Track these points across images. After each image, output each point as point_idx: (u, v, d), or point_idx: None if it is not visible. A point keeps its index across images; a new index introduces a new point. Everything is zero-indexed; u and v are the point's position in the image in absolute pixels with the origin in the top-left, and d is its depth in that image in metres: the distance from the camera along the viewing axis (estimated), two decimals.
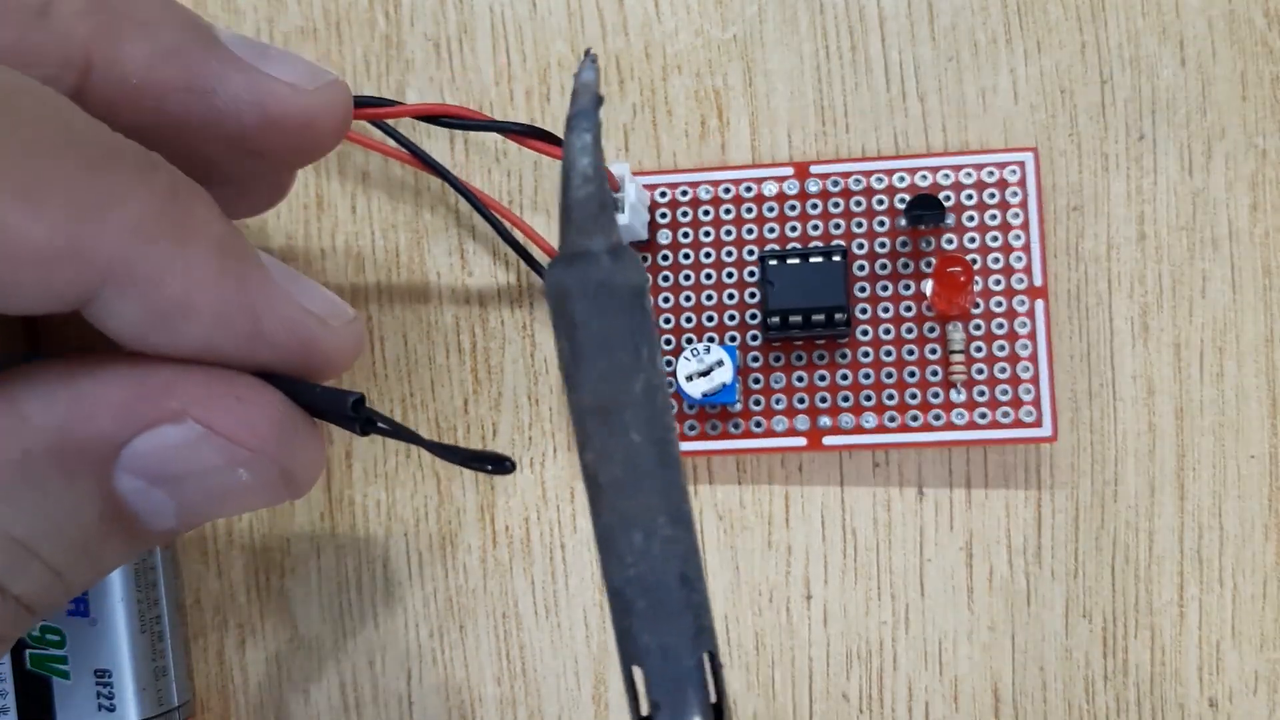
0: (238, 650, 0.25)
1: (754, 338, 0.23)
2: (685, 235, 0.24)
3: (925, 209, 0.23)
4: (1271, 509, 0.23)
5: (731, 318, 0.24)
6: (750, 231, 0.24)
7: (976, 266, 0.23)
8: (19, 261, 0.15)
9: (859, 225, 0.23)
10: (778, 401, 0.23)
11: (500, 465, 0.17)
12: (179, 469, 0.16)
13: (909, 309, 0.23)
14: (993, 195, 0.23)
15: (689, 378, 0.22)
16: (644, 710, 0.14)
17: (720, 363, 0.22)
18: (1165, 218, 0.23)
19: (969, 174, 0.23)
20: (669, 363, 0.24)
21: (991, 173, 0.23)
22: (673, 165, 0.25)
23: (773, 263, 0.23)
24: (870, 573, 0.24)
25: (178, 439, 0.16)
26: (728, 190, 0.24)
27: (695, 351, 0.23)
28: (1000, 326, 0.23)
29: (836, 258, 0.23)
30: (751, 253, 0.24)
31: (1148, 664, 0.23)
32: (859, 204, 0.23)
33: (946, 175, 0.23)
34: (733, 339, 0.24)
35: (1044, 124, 0.24)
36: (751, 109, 0.24)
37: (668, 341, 0.24)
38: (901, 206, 0.23)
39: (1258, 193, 0.23)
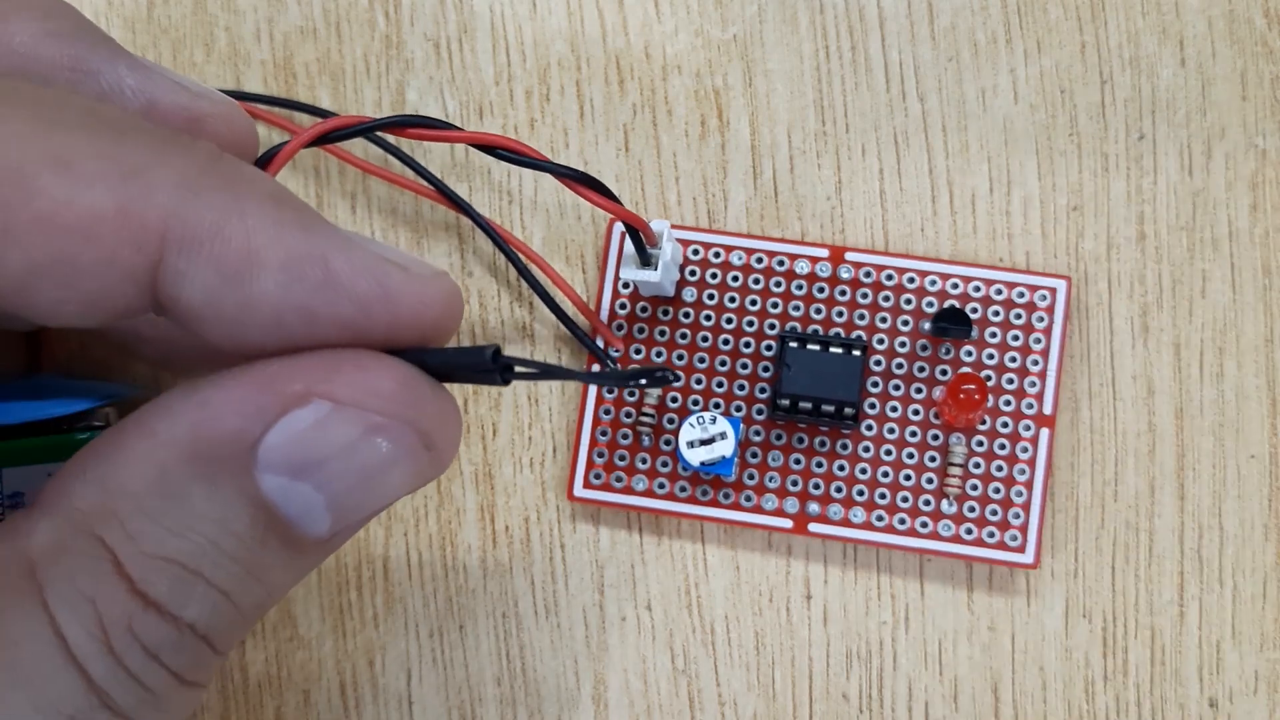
0: (238, 650, 0.25)
1: (759, 412, 0.23)
2: (710, 297, 0.24)
3: (952, 323, 0.22)
4: (1271, 509, 0.23)
5: (741, 387, 0.23)
6: (775, 305, 0.24)
7: (990, 384, 0.23)
8: (69, 233, 0.14)
9: (883, 320, 0.23)
10: (771, 480, 0.23)
11: (657, 378, 0.17)
12: (317, 453, 0.16)
13: (917, 413, 0.23)
14: (1019, 316, 0.23)
15: (690, 444, 0.22)
16: None
17: (724, 435, 0.22)
18: (1165, 218, 0.23)
19: (999, 290, 0.23)
20: (672, 420, 0.24)
21: (1022, 294, 0.23)
22: (674, 166, 0.25)
23: (793, 345, 0.22)
24: (870, 573, 0.24)
25: (309, 420, 0.16)
26: (760, 260, 0.24)
27: (701, 420, 0.22)
28: (1003, 447, 0.23)
29: (856, 352, 0.22)
30: (773, 326, 0.23)
31: (1148, 664, 0.23)
32: (887, 299, 0.23)
33: (978, 287, 0.23)
34: (738, 409, 0.23)
35: (1044, 124, 0.24)
36: (751, 109, 0.24)
37: (674, 399, 0.24)
38: (929, 310, 0.23)
39: (1258, 193, 0.23)
